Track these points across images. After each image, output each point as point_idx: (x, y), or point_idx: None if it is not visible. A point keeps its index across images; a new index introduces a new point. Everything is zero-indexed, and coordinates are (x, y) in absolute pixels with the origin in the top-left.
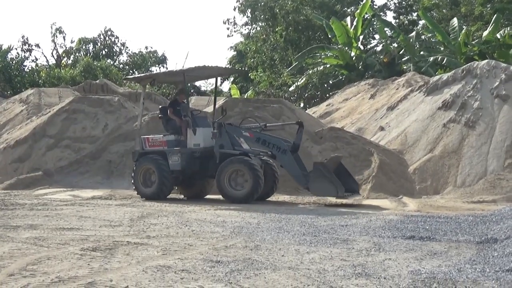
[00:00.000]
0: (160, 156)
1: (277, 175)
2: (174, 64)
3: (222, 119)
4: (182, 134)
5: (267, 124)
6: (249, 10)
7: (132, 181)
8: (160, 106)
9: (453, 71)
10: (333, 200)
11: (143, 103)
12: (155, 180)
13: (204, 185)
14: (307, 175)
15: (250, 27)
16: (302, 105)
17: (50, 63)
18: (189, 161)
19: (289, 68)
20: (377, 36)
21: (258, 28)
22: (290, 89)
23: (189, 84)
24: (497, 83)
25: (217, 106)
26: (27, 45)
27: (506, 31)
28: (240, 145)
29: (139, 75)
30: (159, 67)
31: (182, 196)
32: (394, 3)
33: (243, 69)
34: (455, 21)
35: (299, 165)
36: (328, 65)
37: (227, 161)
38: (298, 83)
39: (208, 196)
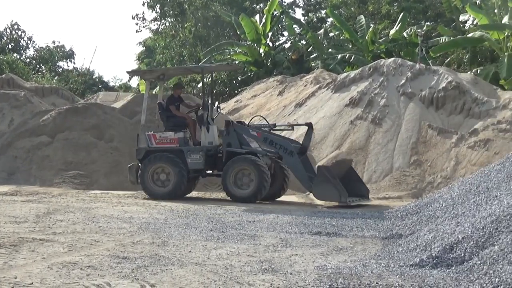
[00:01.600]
0: (174, 154)
1: (288, 175)
2: (82, 59)
3: (217, 116)
4: (190, 131)
5: (276, 124)
6: (158, 5)
7: (139, 180)
8: (158, 102)
9: (360, 69)
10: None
11: (147, 99)
12: (170, 179)
13: (190, 184)
14: (313, 178)
15: (159, 22)
16: (210, 101)
17: None
18: (207, 160)
19: (198, 64)
20: (285, 33)
21: (167, 24)
22: (199, 85)
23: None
24: (403, 81)
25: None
26: None
27: (412, 30)
28: (248, 144)
29: (146, 69)
30: (67, 62)
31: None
32: (303, 0)
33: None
34: (362, 19)
35: (306, 167)
36: (237, 62)
37: (233, 160)
38: (207, 79)
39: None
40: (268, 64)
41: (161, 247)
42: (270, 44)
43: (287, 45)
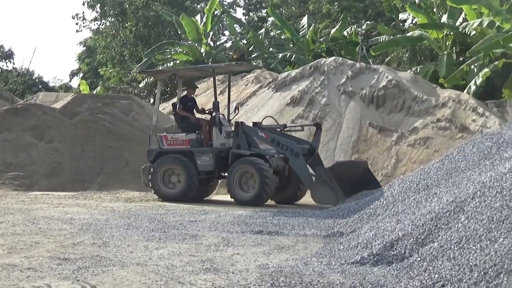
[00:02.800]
0: (184, 156)
1: None
2: (21, 59)
3: (235, 117)
4: (203, 132)
5: (287, 125)
6: (98, 5)
7: (150, 182)
8: (172, 103)
9: (301, 68)
10: None
11: (159, 99)
12: (181, 181)
13: (206, 187)
14: None
15: (99, 22)
16: (152, 101)
17: None
18: (218, 161)
19: (139, 64)
20: (226, 33)
21: (108, 24)
22: (140, 85)
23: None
24: (343, 80)
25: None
26: None
27: (352, 29)
28: (257, 145)
29: (157, 69)
30: (6, 62)
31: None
32: (244, 0)
33: (258, 65)
34: (305, 18)
35: (318, 167)
36: (178, 61)
37: (237, 162)
38: (148, 79)
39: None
40: (209, 63)
41: (102, 248)
42: (211, 44)
43: (228, 45)
